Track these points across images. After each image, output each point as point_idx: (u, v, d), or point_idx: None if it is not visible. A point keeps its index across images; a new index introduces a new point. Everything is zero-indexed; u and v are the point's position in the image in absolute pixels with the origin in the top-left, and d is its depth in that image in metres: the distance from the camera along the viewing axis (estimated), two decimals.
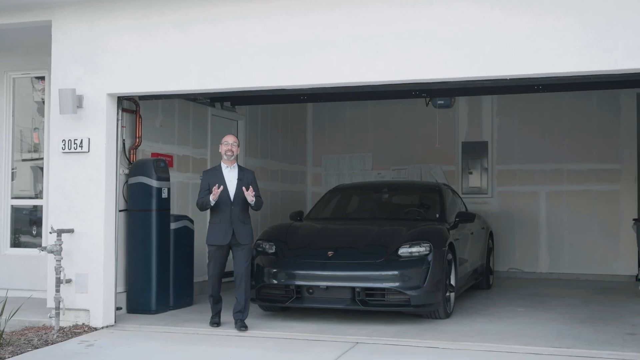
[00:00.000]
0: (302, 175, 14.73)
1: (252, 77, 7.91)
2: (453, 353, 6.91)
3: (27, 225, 10.62)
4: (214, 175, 8.04)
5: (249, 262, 8.06)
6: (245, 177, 8.08)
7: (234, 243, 7.94)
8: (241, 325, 7.86)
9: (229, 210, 7.91)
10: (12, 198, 10.57)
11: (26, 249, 10.32)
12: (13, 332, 8.12)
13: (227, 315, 8.20)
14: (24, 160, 10.80)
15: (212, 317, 8.14)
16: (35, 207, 10.49)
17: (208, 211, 8.28)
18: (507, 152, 13.46)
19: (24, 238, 10.56)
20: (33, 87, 10.67)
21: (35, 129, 10.74)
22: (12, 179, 10.60)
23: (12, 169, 10.64)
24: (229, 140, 8.10)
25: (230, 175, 8.05)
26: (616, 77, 7.07)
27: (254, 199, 7.92)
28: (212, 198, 7.82)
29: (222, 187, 7.84)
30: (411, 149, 13.99)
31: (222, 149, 8.07)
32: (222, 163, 8.13)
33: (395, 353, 6.94)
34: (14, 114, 10.64)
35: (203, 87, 8.12)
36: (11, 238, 10.54)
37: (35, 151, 10.68)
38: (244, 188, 7.87)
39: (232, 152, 8.04)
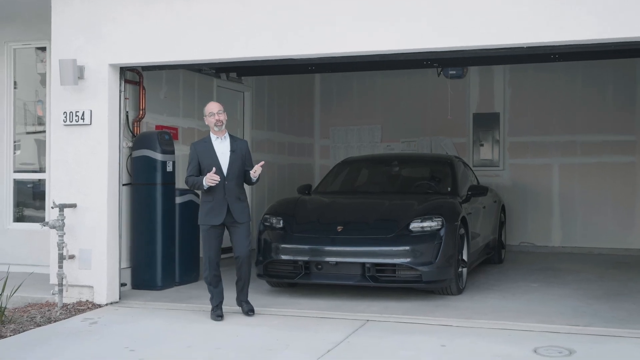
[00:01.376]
0: (309, 147, 14.48)
1: (259, 47, 7.63)
2: (467, 331, 6.70)
3: (31, 199, 10.41)
4: (204, 148, 7.22)
5: (249, 241, 7.31)
6: (239, 148, 7.28)
7: (229, 222, 7.19)
8: (248, 309, 7.34)
9: (222, 187, 7.11)
10: (15, 172, 10.36)
11: (30, 224, 10.12)
12: (16, 308, 7.96)
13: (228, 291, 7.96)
14: (28, 133, 10.58)
15: (213, 310, 7.26)
16: (39, 180, 10.28)
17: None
18: (519, 123, 13.18)
19: (28, 212, 10.36)
20: (37, 57, 10.41)
21: (38, 101, 10.50)
22: (15, 152, 10.38)
23: (16, 141, 10.42)
24: (214, 109, 7.21)
25: (222, 147, 7.23)
26: (638, 44, 6.77)
27: (259, 170, 7.20)
28: (207, 182, 7.03)
29: (214, 169, 7.06)
30: (421, 121, 13.74)
31: (209, 120, 7.21)
32: (211, 134, 7.29)
33: (407, 331, 6.74)
34: (15, 85, 10.39)
35: (208, 57, 7.85)
36: (14, 212, 10.34)
37: (40, 124, 10.45)
38: (258, 166, 7.17)
39: (222, 121, 7.18)
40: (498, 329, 6.77)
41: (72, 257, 8.06)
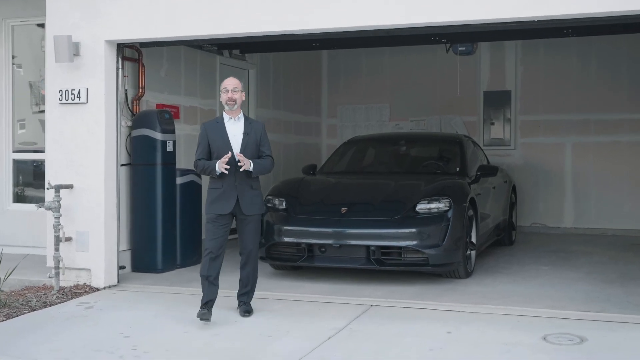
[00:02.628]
0: (316, 126, 14.21)
1: (259, 22, 7.35)
2: (474, 317, 6.45)
3: (33, 179, 10.20)
4: (215, 129, 6.46)
5: (258, 237, 6.63)
6: (254, 131, 6.49)
7: (238, 212, 6.43)
8: (245, 310, 6.56)
9: (233, 173, 6.31)
10: (14, 152, 10.15)
11: (30, 205, 9.91)
12: (12, 291, 7.77)
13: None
14: (33, 112, 10.36)
15: (201, 308, 6.32)
16: (41, 161, 10.05)
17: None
18: (531, 101, 12.86)
19: (29, 192, 10.16)
20: (41, 35, 10.15)
21: (42, 80, 10.26)
22: (17, 132, 10.16)
23: (20, 121, 10.20)
24: (229, 86, 6.44)
25: (235, 129, 6.45)
26: None
27: (248, 165, 6.27)
28: (220, 168, 6.22)
29: (229, 154, 6.26)
30: (430, 99, 13.45)
31: (223, 97, 6.44)
32: (224, 114, 6.55)
33: (412, 317, 6.50)
34: (20, 65, 10.16)
35: (207, 32, 7.58)
36: (14, 193, 10.15)
37: (45, 103, 10.21)
38: (238, 155, 6.27)
39: (235, 100, 6.41)
40: (506, 315, 6.52)
41: (68, 239, 7.85)
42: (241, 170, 6.27)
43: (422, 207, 7.87)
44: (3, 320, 6.61)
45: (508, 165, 12.47)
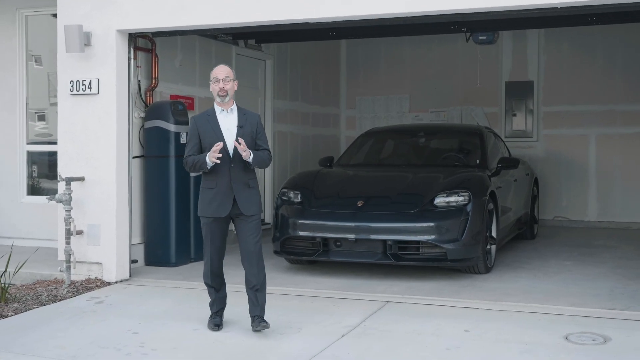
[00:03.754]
0: (335, 118, 14.00)
1: (272, 10, 7.16)
2: (493, 316, 6.24)
3: (48, 171, 10.09)
4: (206, 123, 5.79)
5: (259, 238, 5.87)
6: (248, 123, 5.81)
7: (236, 214, 5.79)
8: (260, 323, 5.74)
9: (227, 170, 5.71)
10: (29, 143, 10.05)
11: (45, 197, 9.83)
12: (24, 285, 7.68)
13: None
14: (51, 104, 10.26)
15: (211, 317, 5.99)
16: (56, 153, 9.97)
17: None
18: (554, 92, 12.56)
19: (45, 184, 10.05)
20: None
21: None
22: (34, 124, 10.07)
23: (38, 112, 10.10)
24: (219, 75, 5.78)
25: (228, 121, 5.77)
26: None
27: (248, 153, 5.63)
28: (211, 159, 5.59)
29: (221, 144, 5.62)
30: (451, 90, 13.20)
31: (214, 87, 5.78)
32: (215, 105, 5.86)
33: (429, 314, 6.30)
34: (33, 55, 10.05)
35: (219, 21, 7.40)
36: (28, 185, 10.06)
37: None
38: (235, 142, 5.61)
39: (226, 91, 5.73)
40: (527, 313, 6.30)
41: (80, 232, 7.73)
42: (244, 158, 5.62)
43: (440, 200, 7.66)
44: (11, 315, 6.50)
45: (530, 157, 12.21)
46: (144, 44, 8.57)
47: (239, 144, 5.58)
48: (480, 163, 8.87)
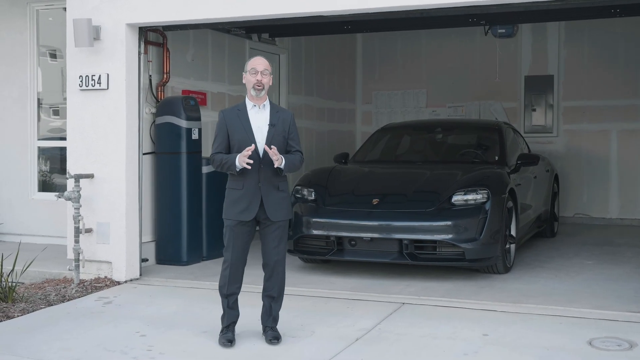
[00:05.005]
0: (350, 113, 13.79)
1: (284, 3, 6.96)
2: (513, 318, 6.02)
3: (60, 168, 9.95)
4: (236, 118, 5.37)
5: (285, 245, 5.52)
6: (281, 121, 5.40)
7: (263, 218, 5.39)
8: (273, 337, 5.46)
9: (256, 171, 5.28)
10: (40, 139, 9.92)
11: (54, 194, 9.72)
12: (32, 284, 7.55)
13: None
14: (65, 100, 10.09)
15: (222, 331, 5.51)
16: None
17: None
18: (575, 86, 12.29)
19: (57, 181, 9.92)
20: None
21: None
22: (49, 119, 9.95)
23: (52, 107, 9.98)
24: (258, 67, 5.33)
25: (259, 119, 5.36)
26: None
27: (280, 160, 5.24)
28: (240, 163, 5.20)
29: (252, 146, 5.20)
30: (469, 85, 12.96)
31: (248, 79, 5.35)
32: (246, 100, 5.43)
33: (446, 317, 6.09)
34: (38, 48, 9.91)
35: (230, 14, 7.20)
36: (39, 181, 9.93)
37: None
38: (266, 147, 5.21)
39: (263, 84, 5.34)
40: (548, 316, 6.08)
41: (89, 230, 7.58)
42: (275, 166, 5.24)
43: (458, 198, 7.45)
44: (18, 316, 6.35)
45: (550, 153, 11.95)
46: (155, 38, 8.41)
47: (270, 149, 5.18)
48: (499, 159, 8.64)
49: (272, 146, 5.21)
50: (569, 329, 5.69)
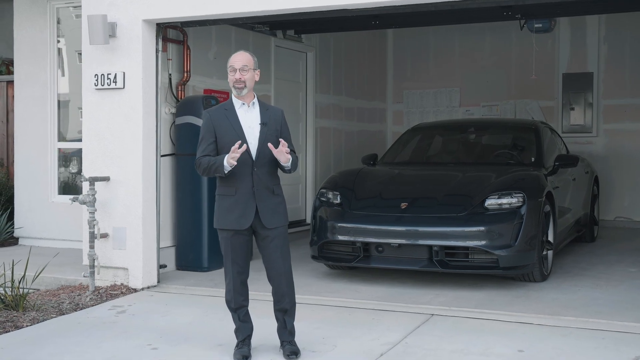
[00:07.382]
0: (381, 112, 13.39)
1: None
2: (550, 332, 5.58)
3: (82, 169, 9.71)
4: (224, 119, 4.97)
5: (288, 254, 5.10)
6: (272, 119, 5.02)
7: (258, 227, 5.00)
8: (291, 352, 5.08)
9: (250, 175, 4.93)
10: (60, 141, 9.68)
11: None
12: (47, 291, 7.29)
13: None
14: None
15: (238, 345, 5.14)
16: None
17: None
18: (616, 84, 11.82)
19: (78, 183, 9.66)
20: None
21: None
22: (77, 119, 9.72)
23: (80, 108, 9.75)
24: (236, 64, 4.93)
25: (249, 118, 4.98)
26: None
27: (288, 156, 4.94)
28: (229, 162, 4.80)
29: (244, 146, 4.81)
30: (504, 83, 12.56)
31: (229, 77, 4.98)
32: (233, 99, 5.04)
33: (478, 330, 5.67)
34: (59, 48, 9.68)
35: (249, 9, 6.85)
36: (59, 184, 9.69)
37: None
38: (270, 145, 4.89)
39: (243, 82, 4.92)
40: (589, 330, 5.63)
41: (104, 235, 7.29)
42: (283, 162, 4.93)
43: (491, 202, 7.03)
44: (27, 326, 6.06)
45: (589, 154, 11.51)
46: (175, 35, 8.11)
47: (273, 146, 4.84)
48: (536, 161, 8.20)
49: (280, 139, 4.91)
50: (613, 345, 5.25)
